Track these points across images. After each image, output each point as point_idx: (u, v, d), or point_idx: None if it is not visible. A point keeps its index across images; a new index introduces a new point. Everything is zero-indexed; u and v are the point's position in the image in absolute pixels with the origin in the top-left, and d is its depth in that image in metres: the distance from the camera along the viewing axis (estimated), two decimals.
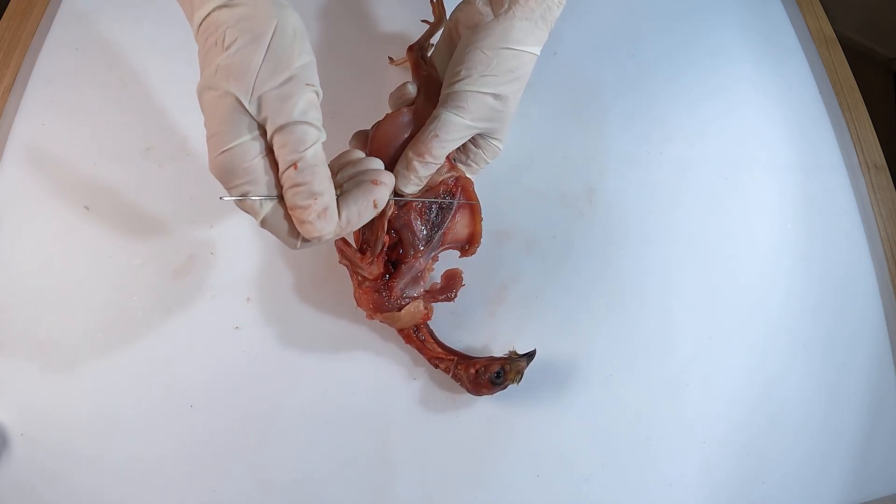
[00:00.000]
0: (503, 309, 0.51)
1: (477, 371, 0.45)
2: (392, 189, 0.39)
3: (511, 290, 0.51)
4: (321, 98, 0.35)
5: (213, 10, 0.34)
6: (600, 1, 0.63)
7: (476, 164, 0.47)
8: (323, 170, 0.35)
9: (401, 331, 0.47)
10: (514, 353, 0.46)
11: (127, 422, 0.47)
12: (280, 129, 0.34)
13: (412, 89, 0.47)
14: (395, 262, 0.46)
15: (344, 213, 0.36)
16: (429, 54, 0.50)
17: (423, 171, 0.44)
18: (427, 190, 0.45)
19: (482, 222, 0.47)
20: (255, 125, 0.34)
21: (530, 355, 0.46)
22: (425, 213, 0.46)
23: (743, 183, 0.56)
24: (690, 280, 0.53)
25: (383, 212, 0.44)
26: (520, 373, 0.45)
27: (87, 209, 0.52)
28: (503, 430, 0.48)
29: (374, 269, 0.44)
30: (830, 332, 0.52)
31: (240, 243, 0.51)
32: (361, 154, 0.40)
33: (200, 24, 0.34)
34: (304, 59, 0.35)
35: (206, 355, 0.49)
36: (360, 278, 0.45)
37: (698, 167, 0.56)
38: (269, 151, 0.35)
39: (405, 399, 0.48)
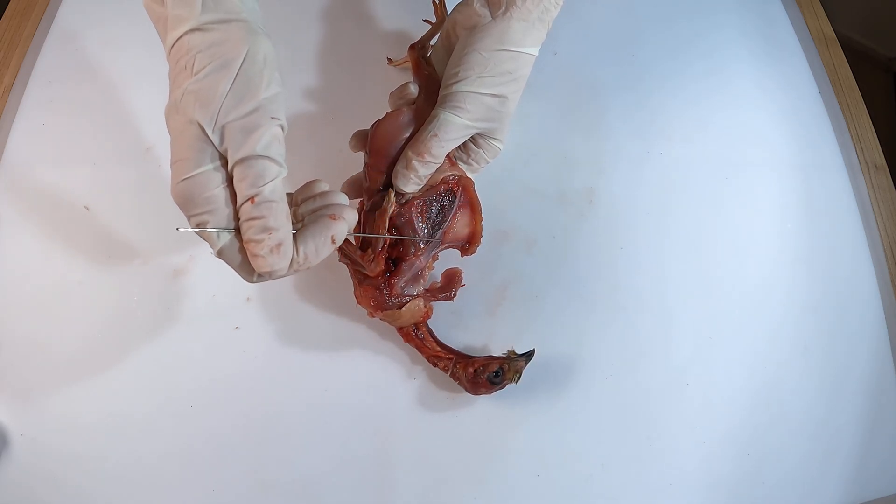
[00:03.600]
0: (503, 309, 0.51)
1: (475, 370, 0.45)
2: (352, 224, 0.37)
3: (511, 290, 0.51)
4: (286, 132, 0.35)
5: (186, 34, 0.33)
6: (600, 1, 0.63)
7: (476, 163, 0.47)
8: (280, 206, 0.34)
9: (400, 329, 0.47)
10: (513, 352, 0.46)
11: (127, 422, 0.47)
12: (240, 161, 0.33)
13: (414, 89, 0.48)
14: (395, 260, 0.46)
15: (301, 249, 0.35)
16: (429, 54, 0.50)
17: (422, 171, 0.44)
18: (428, 188, 0.46)
19: (482, 222, 0.47)
20: (218, 154, 0.33)
21: (529, 355, 0.46)
22: (426, 211, 0.46)
23: (743, 183, 0.56)
24: (690, 280, 0.53)
25: (384, 210, 0.44)
26: (518, 372, 0.45)
27: (87, 209, 0.52)
28: (503, 430, 0.48)
29: (375, 266, 0.44)
30: (830, 332, 0.52)
31: None
32: (325, 186, 0.39)
33: (172, 46, 0.34)
34: (272, 89, 0.34)
35: (206, 355, 0.49)
36: (360, 276, 0.45)
37: (698, 167, 0.56)
38: (231, 182, 0.34)
39: (404, 399, 0.48)
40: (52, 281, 0.50)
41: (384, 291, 0.45)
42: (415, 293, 0.46)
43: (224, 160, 0.34)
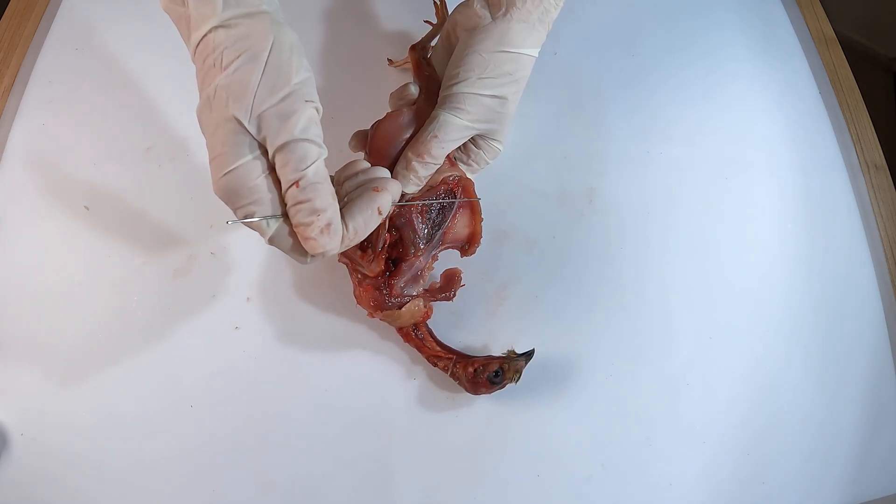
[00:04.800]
0: (503, 309, 0.51)
1: (475, 370, 0.45)
2: (397, 194, 0.39)
3: (511, 290, 0.51)
4: (321, 114, 0.35)
5: (210, 31, 0.34)
6: (600, 1, 0.63)
7: (476, 164, 0.47)
8: (325, 186, 0.35)
9: (400, 329, 0.47)
10: (513, 352, 0.46)
11: (127, 422, 0.47)
12: (281, 147, 0.34)
13: (414, 90, 0.48)
14: (395, 260, 0.46)
15: (350, 225, 0.36)
16: (429, 55, 0.50)
17: (422, 172, 0.44)
18: (428, 189, 0.46)
19: (482, 222, 0.47)
20: (256, 144, 0.34)
21: (528, 355, 0.46)
22: (426, 211, 0.46)
23: (743, 183, 0.56)
24: (690, 280, 0.53)
25: None
26: (518, 372, 0.45)
27: (87, 209, 0.52)
28: (503, 430, 0.48)
29: (375, 266, 0.44)
30: (830, 332, 0.52)
31: (240, 243, 0.51)
32: (366, 164, 0.40)
33: (198, 45, 0.34)
34: (302, 74, 0.34)
35: (206, 355, 0.49)
36: (360, 276, 0.45)
37: (698, 167, 0.56)
38: (272, 169, 0.35)
39: (404, 399, 0.48)
40: (52, 281, 0.50)
41: (384, 291, 0.45)
42: (414, 293, 0.46)
43: (263, 149, 0.34)
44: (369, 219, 0.37)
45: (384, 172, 0.39)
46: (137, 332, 0.49)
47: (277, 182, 0.35)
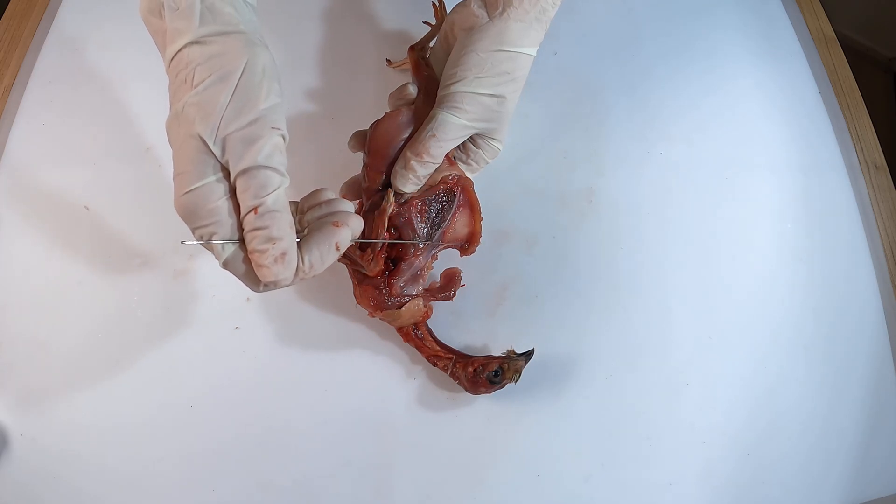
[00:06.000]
0: (503, 309, 0.51)
1: (475, 370, 0.45)
2: (356, 232, 0.37)
3: (511, 290, 0.51)
4: (287, 142, 0.35)
5: (185, 47, 0.33)
6: (600, 1, 0.63)
7: (476, 163, 0.47)
8: (284, 216, 0.34)
9: (399, 329, 0.47)
10: (513, 352, 0.46)
11: (126, 421, 0.47)
12: (243, 172, 0.33)
13: (413, 90, 0.48)
14: (394, 259, 0.46)
15: (306, 258, 0.35)
16: (427, 56, 0.50)
17: (421, 171, 0.44)
18: (427, 188, 0.46)
19: (482, 222, 0.47)
20: (220, 166, 0.33)
21: (528, 354, 0.46)
22: (425, 211, 0.46)
23: (743, 183, 0.56)
24: (690, 280, 0.53)
25: (383, 210, 0.44)
26: (518, 372, 0.45)
27: (87, 209, 0.52)
28: (503, 430, 0.48)
29: (375, 266, 0.44)
30: (830, 332, 0.52)
31: None
32: (331, 194, 0.38)
33: (172, 60, 0.34)
34: (271, 100, 0.34)
35: (205, 355, 0.49)
36: (360, 276, 0.45)
37: (698, 167, 0.56)
38: (234, 192, 0.34)
39: (404, 399, 0.48)
40: (52, 281, 0.50)
41: (384, 291, 0.45)
42: (414, 293, 0.46)
43: (226, 171, 0.34)
44: (326, 253, 0.36)
45: (347, 206, 0.38)
46: (137, 332, 0.49)
47: (237, 206, 0.34)
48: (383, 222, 0.44)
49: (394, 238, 0.45)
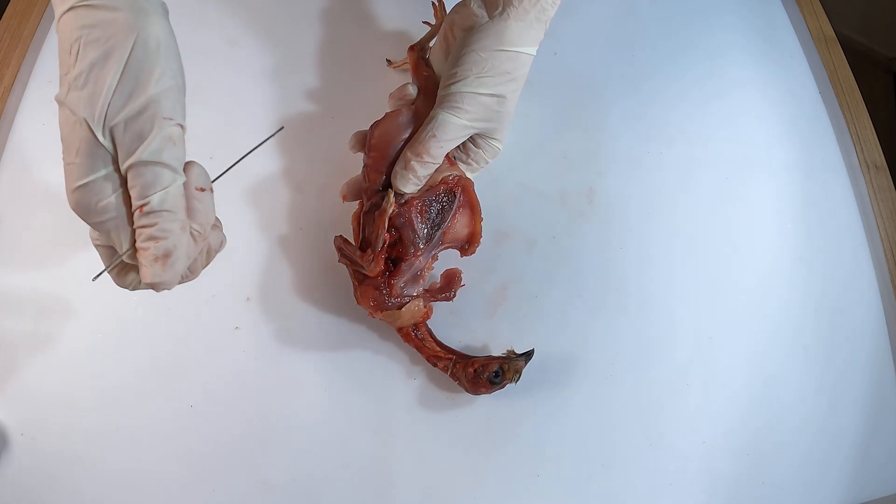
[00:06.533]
0: (503, 309, 0.51)
1: (475, 370, 0.45)
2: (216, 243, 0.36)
3: (511, 290, 0.51)
4: (185, 131, 0.32)
5: (70, 9, 0.29)
6: (600, 1, 0.63)
7: (476, 163, 0.47)
8: (172, 215, 0.31)
9: (399, 329, 0.47)
10: (513, 352, 0.46)
11: (126, 422, 0.47)
12: (130, 168, 0.30)
13: (413, 90, 0.48)
14: (394, 260, 0.46)
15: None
16: (427, 56, 0.50)
17: (421, 171, 0.44)
18: (427, 189, 0.46)
19: (482, 222, 0.47)
20: (111, 158, 0.31)
21: (528, 355, 0.46)
22: (426, 211, 0.46)
23: (743, 183, 0.56)
24: (690, 280, 0.53)
25: (383, 210, 0.44)
26: (518, 372, 0.45)
27: None
28: (503, 430, 0.48)
29: (375, 266, 0.44)
30: (830, 332, 0.52)
31: (240, 243, 0.51)
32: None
33: (59, 22, 0.30)
34: (164, 82, 0.30)
35: (206, 355, 0.49)
36: (360, 276, 0.45)
37: (698, 167, 0.56)
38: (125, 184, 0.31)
39: (404, 399, 0.48)
40: (52, 281, 0.50)
41: (384, 291, 0.45)
42: (414, 293, 0.46)
43: (117, 164, 0.31)
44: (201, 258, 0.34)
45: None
46: (137, 331, 0.49)
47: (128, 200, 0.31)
48: (384, 223, 0.44)
49: (394, 239, 0.45)
